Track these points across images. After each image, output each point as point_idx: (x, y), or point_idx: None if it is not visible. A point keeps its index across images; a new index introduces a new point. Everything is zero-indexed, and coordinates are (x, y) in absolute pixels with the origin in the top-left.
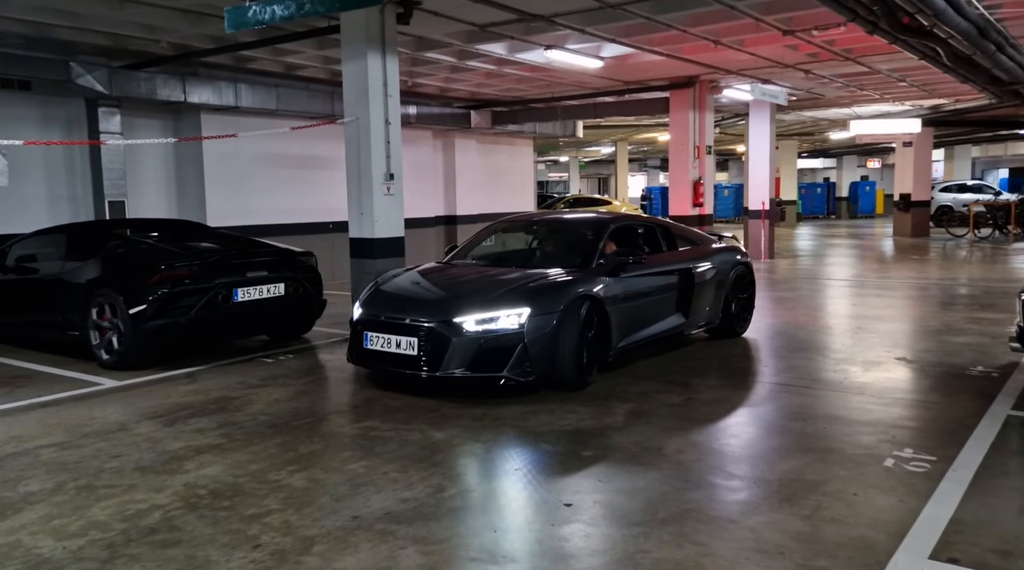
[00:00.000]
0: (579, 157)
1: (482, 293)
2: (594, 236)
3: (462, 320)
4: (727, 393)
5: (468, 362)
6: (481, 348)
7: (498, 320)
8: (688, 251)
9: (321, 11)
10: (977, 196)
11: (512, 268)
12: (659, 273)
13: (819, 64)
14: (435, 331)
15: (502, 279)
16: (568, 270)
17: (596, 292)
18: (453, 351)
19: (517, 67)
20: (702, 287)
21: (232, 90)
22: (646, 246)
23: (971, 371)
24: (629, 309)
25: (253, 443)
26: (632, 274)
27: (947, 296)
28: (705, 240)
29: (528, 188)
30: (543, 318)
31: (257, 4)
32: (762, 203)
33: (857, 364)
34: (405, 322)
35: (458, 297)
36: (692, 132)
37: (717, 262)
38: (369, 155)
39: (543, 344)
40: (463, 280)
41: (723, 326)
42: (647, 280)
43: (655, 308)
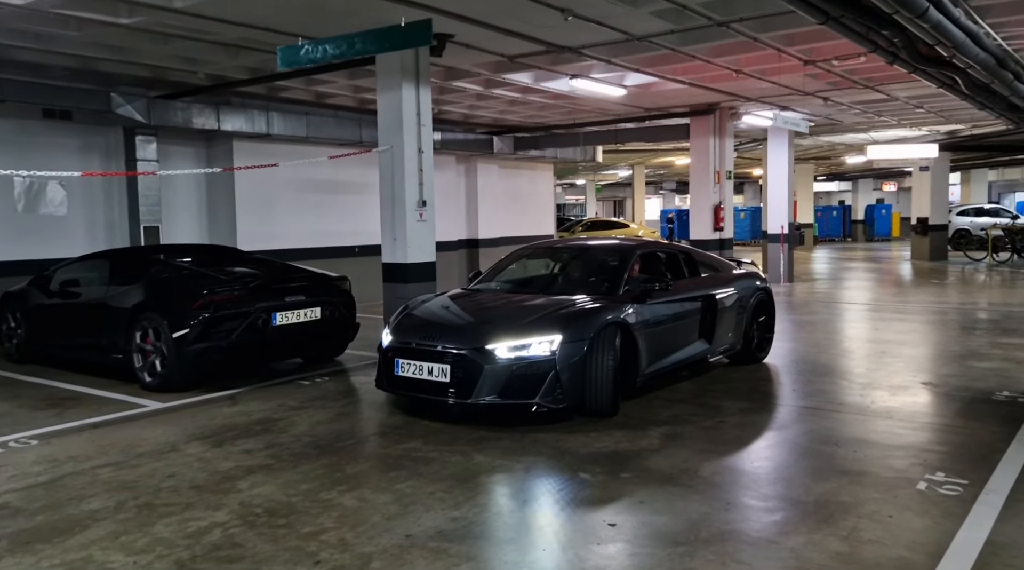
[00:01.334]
0: (596, 180)
1: (513, 320)
2: (620, 263)
3: (494, 347)
4: (757, 417)
5: (500, 389)
6: (513, 375)
7: (530, 347)
8: (710, 277)
9: (372, 51)
10: (995, 220)
11: (539, 295)
12: (683, 300)
13: (838, 92)
14: (467, 358)
15: (531, 305)
16: (595, 297)
17: (624, 318)
18: (485, 378)
19: (541, 95)
20: (724, 313)
21: (264, 118)
22: (669, 273)
23: (997, 396)
24: (655, 335)
25: (300, 463)
26: (658, 301)
27: (968, 321)
28: (726, 266)
29: (548, 212)
30: (574, 345)
31: (310, 44)
32: (781, 227)
33: (883, 389)
34: (437, 349)
35: (489, 324)
36: (712, 158)
37: (738, 288)
38: (403, 182)
39: (574, 371)
40: (492, 306)
41: (744, 352)
42: (672, 306)
43: (680, 334)
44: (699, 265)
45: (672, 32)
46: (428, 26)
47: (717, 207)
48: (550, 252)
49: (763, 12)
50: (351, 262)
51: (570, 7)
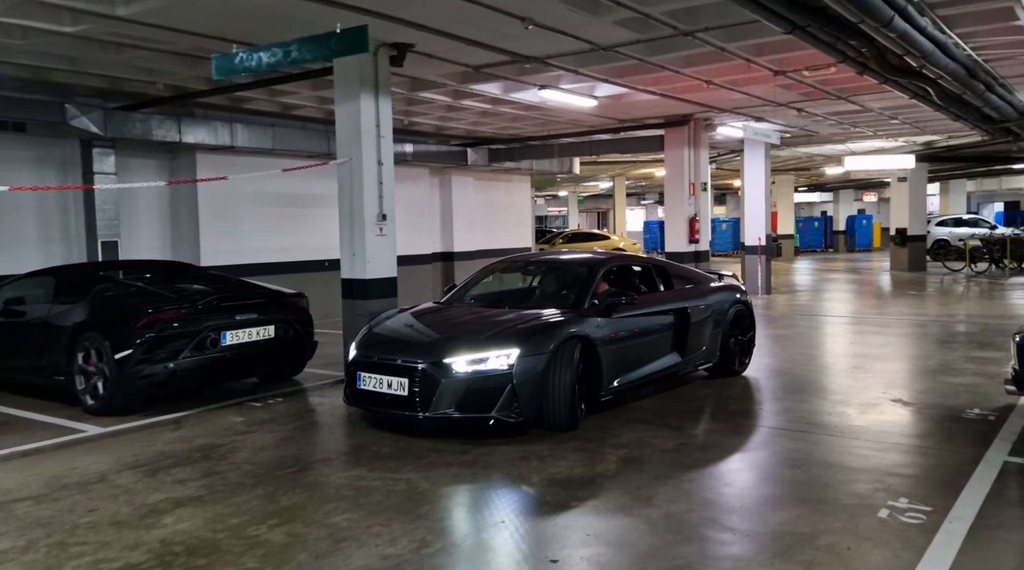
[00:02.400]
0: (577, 192)
1: (472, 334)
2: (587, 277)
3: (451, 361)
4: (721, 438)
5: (458, 403)
6: (470, 389)
7: (487, 361)
8: (684, 290)
9: (308, 59)
10: (973, 230)
11: (506, 309)
12: (653, 313)
13: (812, 103)
14: (425, 372)
15: (493, 320)
16: (561, 311)
17: (587, 333)
18: (443, 392)
19: (512, 106)
20: (698, 326)
21: (228, 130)
22: (643, 285)
23: (968, 414)
24: (622, 349)
25: (235, 494)
26: (625, 314)
27: (944, 334)
28: (703, 279)
29: (526, 224)
30: (532, 359)
31: (244, 51)
32: (758, 239)
33: (853, 406)
34: (397, 363)
35: (448, 338)
36: (687, 169)
37: (714, 301)
38: (362, 195)
39: (532, 385)
40: (455, 321)
41: (722, 365)
42: (641, 320)
43: (650, 348)
44: (674, 278)
45: (638, 42)
46: (364, 33)
47: (692, 219)
48: (522, 266)
49: (728, 21)
50: (321, 277)
51: (530, 15)
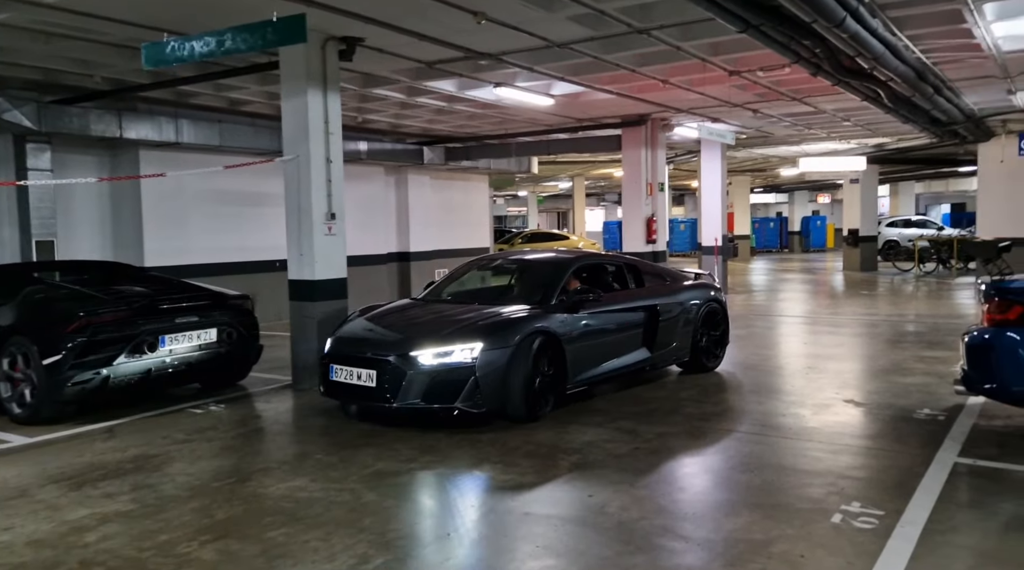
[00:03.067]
0: (537, 192)
1: (439, 329)
2: (556, 275)
3: (417, 354)
4: (675, 441)
5: (423, 394)
6: (435, 380)
7: (451, 354)
8: (654, 288)
9: (243, 49)
10: (922, 231)
11: (476, 305)
12: (621, 310)
13: (767, 104)
14: (392, 364)
15: (461, 316)
16: (528, 307)
17: (550, 328)
18: (409, 383)
19: (468, 104)
20: (668, 323)
21: (173, 126)
22: (616, 283)
23: (918, 414)
24: (588, 345)
25: (166, 509)
26: (592, 311)
27: (895, 333)
28: (677, 277)
29: (484, 223)
30: (495, 353)
31: (176, 41)
32: (715, 239)
33: (807, 407)
34: (366, 355)
35: (417, 333)
36: (644, 169)
37: (686, 299)
38: (309, 194)
39: (494, 377)
40: (426, 316)
41: (693, 361)
42: (608, 317)
43: (617, 344)
44: (646, 276)
45: (592, 39)
46: (301, 22)
47: (650, 219)
48: (498, 264)
49: (683, 19)
50: (272, 277)
51: (482, 10)
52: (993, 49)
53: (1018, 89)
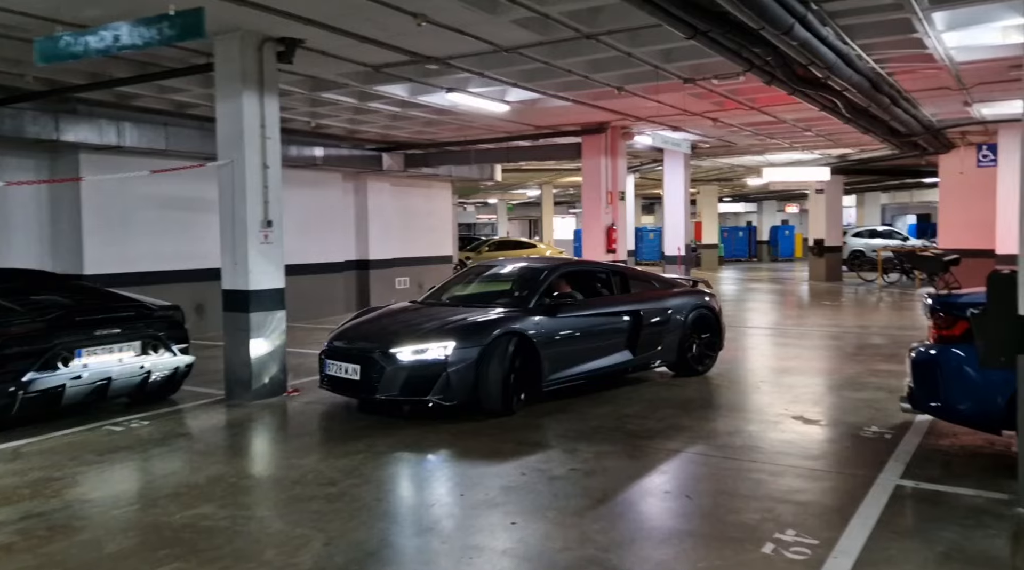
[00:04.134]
0: (506, 200)
1: (420, 328)
2: (537, 280)
3: (397, 350)
4: (612, 462)
5: (400, 387)
6: (411, 375)
7: (427, 351)
8: (640, 294)
9: (140, 45)
10: (887, 241)
11: (462, 308)
12: (602, 314)
13: (725, 113)
14: (373, 359)
15: (444, 318)
16: (507, 309)
17: (524, 330)
18: (389, 377)
19: (423, 110)
20: (652, 327)
21: (114, 128)
22: (604, 289)
23: (865, 431)
24: (565, 345)
25: (54, 541)
26: (570, 314)
27: (852, 345)
28: (669, 284)
29: (447, 231)
30: (466, 351)
31: (70, 35)
32: (678, 248)
33: (755, 424)
34: (352, 351)
35: (400, 331)
36: (604, 177)
37: (673, 305)
38: (244, 200)
39: (465, 373)
40: (414, 318)
41: (681, 365)
42: (587, 320)
43: (597, 346)
44: (634, 282)
45: (541, 44)
46: (200, 16)
47: (609, 228)
48: (492, 270)
49: (630, 25)
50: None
51: (423, 12)
52: (946, 59)
53: (975, 101)
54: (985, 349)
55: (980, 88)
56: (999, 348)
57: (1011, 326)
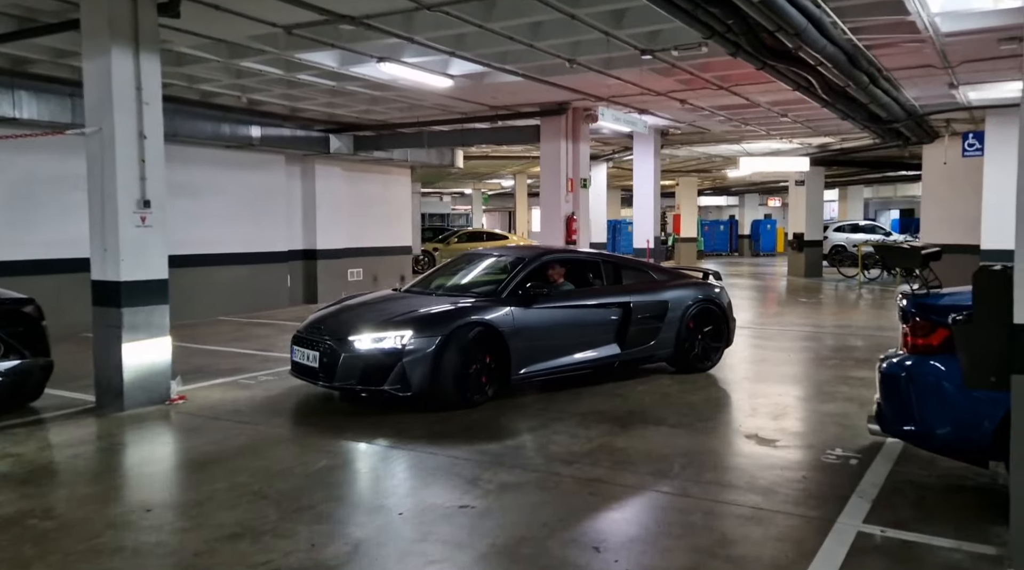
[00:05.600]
0: (480, 189)
1: (381, 317)
2: (512, 269)
3: (354, 339)
4: (512, 497)
5: (357, 375)
6: (368, 364)
7: (383, 340)
8: (631, 285)
9: None
10: (868, 236)
11: (441, 297)
12: (586, 306)
13: (693, 93)
14: (331, 347)
15: (412, 306)
16: (478, 299)
17: (491, 320)
18: (344, 365)
19: (360, 84)
20: (643, 321)
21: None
22: (596, 280)
23: (828, 456)
24: (540, 338)
25: None
26: (547, 305)
27: (825, 348)
28: (671, 275)
29: (405, 220)
30: (423, 341)
31: None
32: (647, 241)
33: (700, 444)
34: (314, 339)
35: (362, 320)
36: (565, 163)
37: (671, 298)
38: (115, 176)
39: (421, 363)
40: (386, 306)
41: (681, 360)
42: (567, 312)
43: (578, 338)
44: (627, 272)
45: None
46: None
47: (569, 218)
48: (475, 259)
49: None
50: None
51: None
52: (930, 28)
53: (961, 83)
54: (971, 365)
55: (967, 67)
56: (988, 364)
57: (1004, 336)
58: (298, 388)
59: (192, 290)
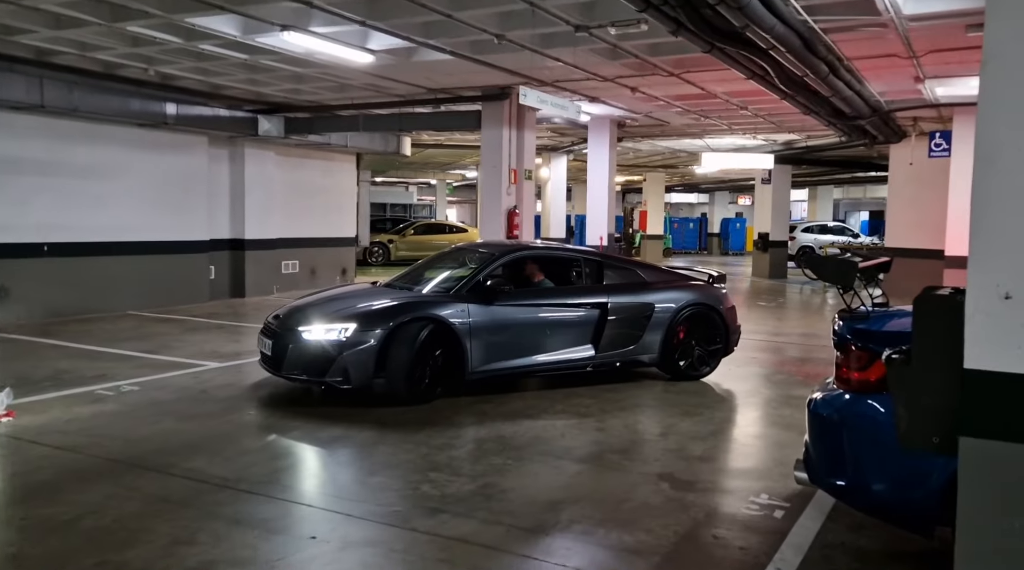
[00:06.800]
0: (444, 180)
1: (334, 309)
2: (476, 265)
3: (302, 329)
4: (355, 555)
5: (302, 366)
6: (312, 355)
7: (325, 332)
8: (613, 285)
9: None
10: (837, 237)
11: (401, 290)
12: (555, 304)
13: (644, 80)
14: (281, 336)
15: (368, 300)
16: (437, 294)
17: (444, 316)
18: (291, 355)
19: (274, 58)
20: (621, 323)
21: None
22: (579, 278)
23: (751, 506)
24: (500, 336)
25: None
26: (511, 303)
27: (776, 360)
28: (665, 276)
29: (350, 210)
30: (365, 334)
31: None
32: (600, 238)
33: (602, 488)
34: (272, 328)
35: (317, 311)
36: (507, 152)
37: (658, 299)
38: None
39: (363, 357)
40: (348, 299)
41: (669, 367)
42: (533, 310)
43: (546, 338)
44: (610, 270)
45: None
46: None
47: (511, 211)
48: (471, 251)
49: None
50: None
51: None
52: (891, 10)
53: (927, 76)
54: (908, 420)
55: (933, 59)
56: (930, 420)
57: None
58: (155, 403)
59: (97, 281)
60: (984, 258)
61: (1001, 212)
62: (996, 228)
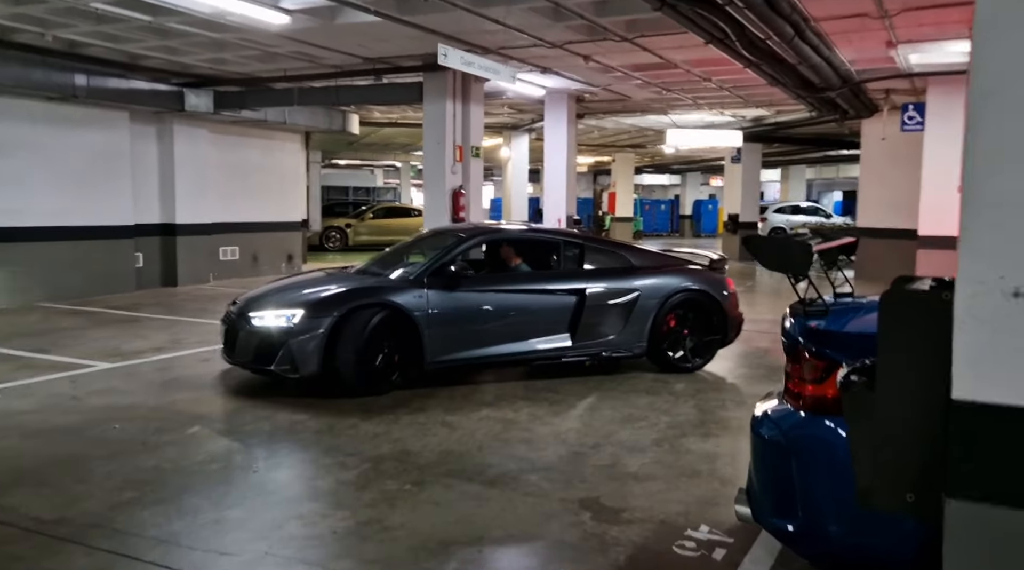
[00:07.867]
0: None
1: (288, 296)
2: (440, 250)
3: (253, 315)
4: None
5: (251, 354)
6: (260, 342)
7: (275, 319)
8: (594, 270)
9: None
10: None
11: (365, 276)
12: (525, 291)
13: (596, 46)
14: (234, 323)
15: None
16: (394, 280)
17: (400, 303)
18: (241, 342)
19: (181, 19)
20: (600, 310)
21: None
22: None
23: (687, 543)
24: (463, 324)
25: None
26: (476, 289)
27: (734, 353)
28: (655, 261)
29: (297, 193)
30: (312, 322)
31: None
32: (558, 220)
33: (509, 521)
34: (228, 315)
35: (273, 297)
36: (451, 127)
37: (643, 285)
38: None
39: (310, 345)
40: (307, 285)
41: (657, 357)
42: (500, 296)
43: (516, 326)
44: (592, 254)
45: None
46: None
47: (456, 191)
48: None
49: None
50: None
51: None
52: None
53: (900, 41)
54: (871, 470)
55: (907, 19)
56: (903, 472)
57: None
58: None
59: (2, 271)
60: (983, 240)
61: (1013, 172)
62: (1003, 196)
